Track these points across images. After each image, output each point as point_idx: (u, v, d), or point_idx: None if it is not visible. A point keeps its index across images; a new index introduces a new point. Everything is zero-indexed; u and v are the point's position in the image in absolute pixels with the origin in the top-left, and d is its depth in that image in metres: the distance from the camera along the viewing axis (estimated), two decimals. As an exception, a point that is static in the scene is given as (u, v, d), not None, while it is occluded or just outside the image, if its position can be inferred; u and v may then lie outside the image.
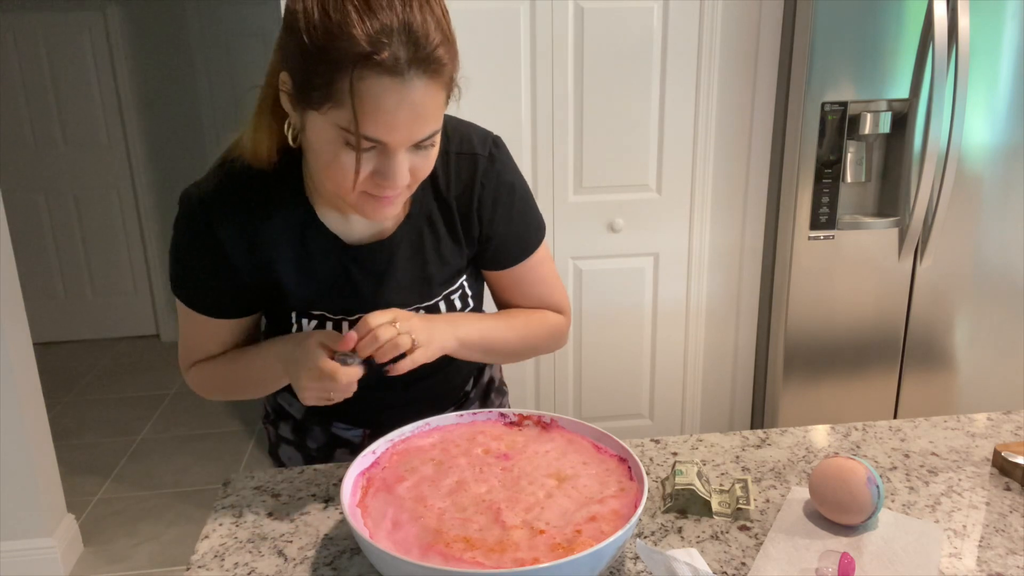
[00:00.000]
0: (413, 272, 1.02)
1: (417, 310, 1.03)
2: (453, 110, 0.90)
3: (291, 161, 0.95)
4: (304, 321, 1.02)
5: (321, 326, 1.02)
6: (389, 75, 0.78)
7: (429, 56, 0.79)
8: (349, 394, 0.90)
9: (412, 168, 0.87)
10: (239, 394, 1.06)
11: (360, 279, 1.00)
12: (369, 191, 0.87)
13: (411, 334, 0.90)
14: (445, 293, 1.05)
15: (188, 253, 0.99)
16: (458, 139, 1.01)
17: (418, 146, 0.85)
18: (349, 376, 0.87)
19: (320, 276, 1.00)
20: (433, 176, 1.00)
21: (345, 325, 1.02)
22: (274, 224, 0.97)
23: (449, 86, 0.85)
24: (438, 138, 0.87)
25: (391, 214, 0.91)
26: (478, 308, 1.11)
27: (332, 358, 0.88)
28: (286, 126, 0.90)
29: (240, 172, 0.95)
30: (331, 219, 0.99)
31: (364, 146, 0.82)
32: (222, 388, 1.07)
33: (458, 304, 1.07)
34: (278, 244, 0.98)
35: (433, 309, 1.04)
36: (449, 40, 0.82)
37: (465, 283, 1.07)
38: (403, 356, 0.90)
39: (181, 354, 1.08)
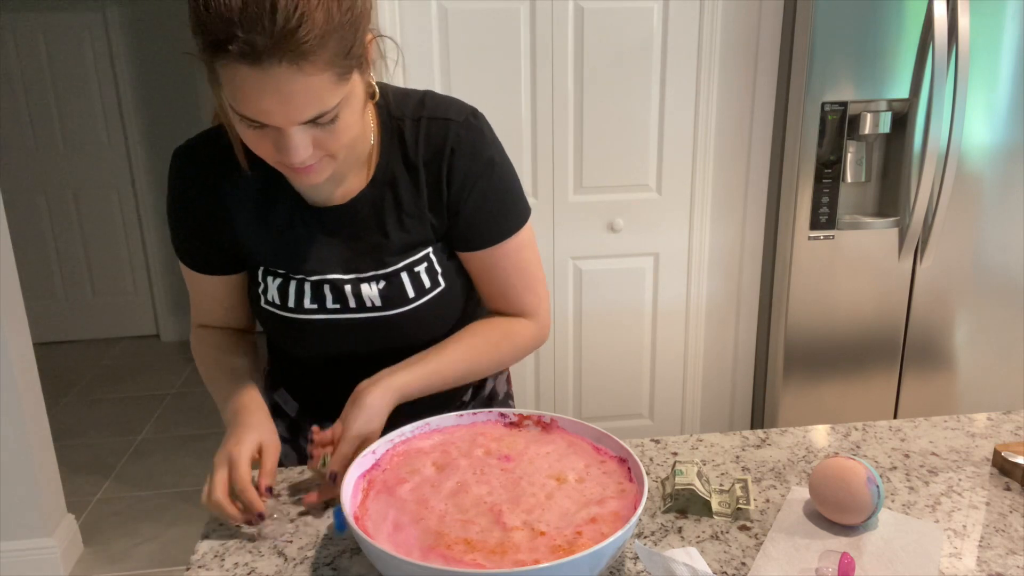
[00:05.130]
0: (371, 237, 1.01)
1: (376, 277, 1.01)
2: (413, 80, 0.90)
3: None
4: (269, 280, 1.03)
5: (284, 284, 1.02)
6: (246, 63, 0.75)
7: (288, 40, 0.74)
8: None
9: (318, 141, 0.84)
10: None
11: (318, 240, 1.01)
12: (281, 161, 0.86)
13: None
14: (407, 263, 1.02)
15: (171, 204, 1.03)
16: (433, 106, 1.00)
17: (316, 122, 0.82)
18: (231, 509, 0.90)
19: (276, 232, 1.01)
20: (401, 140, 0.99)
21: (307, 285, 1.01)
22: (240, 177, 0.99)
23: (338, 62, 0.79)
24: (343, 113, 0.83)
25: (315, 181, 0.90)
26: (454, 287, 1.07)
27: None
28: None
29: (220, 128, 0.99)
30: None
31: (251, 124, 0.81)
32: (202, 375, 1.12)
33: (426, 280, 1.03)
34: (239, 196, 1.00)
35: (393, 277, 1.02)
36: (327, 14, 0.76)
37: (433, 257, 1.03)
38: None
39: (192, 313, 1.14)
